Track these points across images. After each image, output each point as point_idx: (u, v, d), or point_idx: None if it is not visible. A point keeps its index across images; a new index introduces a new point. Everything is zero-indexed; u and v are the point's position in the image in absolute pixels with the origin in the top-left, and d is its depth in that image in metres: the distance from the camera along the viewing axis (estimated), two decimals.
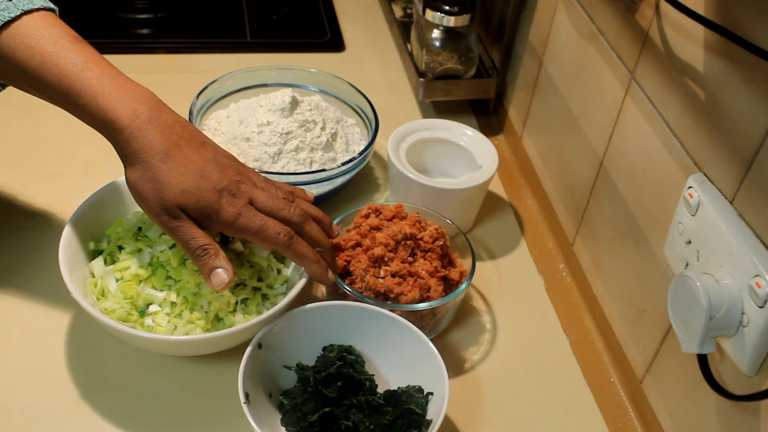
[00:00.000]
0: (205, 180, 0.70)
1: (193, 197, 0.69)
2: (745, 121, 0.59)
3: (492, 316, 0.87)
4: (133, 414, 0.74)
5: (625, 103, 0.78)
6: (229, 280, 0.71)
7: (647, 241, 0.75)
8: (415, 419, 0.71)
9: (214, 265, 0.70)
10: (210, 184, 0.70)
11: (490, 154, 0.95)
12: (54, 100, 0.71)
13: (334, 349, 0.74)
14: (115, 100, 0.68)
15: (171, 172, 0.69)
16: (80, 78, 0.68)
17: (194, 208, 0.69)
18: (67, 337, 0.79)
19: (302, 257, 0.74)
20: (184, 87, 1.03)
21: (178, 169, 0.69)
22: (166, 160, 0.68)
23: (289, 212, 0.74)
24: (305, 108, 0.95)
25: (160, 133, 0.69)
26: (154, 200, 0.69)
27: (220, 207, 0.70)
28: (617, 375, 0.82)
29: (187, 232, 0.70)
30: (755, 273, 0.56)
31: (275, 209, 0.73)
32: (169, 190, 0.68)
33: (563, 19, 0.92)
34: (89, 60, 0.69)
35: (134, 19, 1.26)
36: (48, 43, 0.68)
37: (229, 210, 0.70)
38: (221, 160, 0.72)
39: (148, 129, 0.69)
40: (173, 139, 0.70)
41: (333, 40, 1.27)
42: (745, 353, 0.58)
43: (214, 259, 0.70)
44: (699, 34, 0.65)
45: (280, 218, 0.73)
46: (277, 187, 0.76)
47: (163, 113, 0.71)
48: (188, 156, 0.70)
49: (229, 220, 0.70)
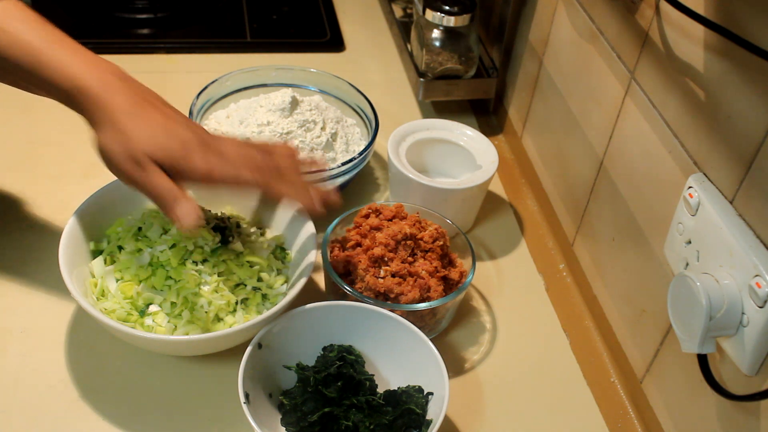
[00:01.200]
0: (174, 133, 0.69)
1: (162, 145, 0.68)
2: (745, 121, 0.59)
3: (492, 316, 0.87)
4: (133, 414, 0.74)
5: (625, 103, 0.78)
6: (197, 218, 0.68)
7: (647, 241, 0.75)
8: (415, 419, 0.71)
9: (182, 207, 0.68)
10: (179, 136, 0.69)
11: (490, 154, 0.95)
12: (20, 77, 0.72)
13: (334, 349, 0.74)
14: (84, 70, 0.69)
15: (139, 125, 0.68)
16: (50, 51, 0.70)
17: (163, 156, 0.67)
18: (67, 337, 0.79)
19: (286, 194, 0.72)
20: (184, 87, 1.03)
21: (146, 122, 0.68)
22: (133, 117, 0.68)
23: (263, 160, 0.72)
24: (305, 108, 0.95)
25: (129, 96, 0.69)
26: (120, 152, 0.67)
27: (192, 157, 0.68)
28: (617, 375, 0.82)
29: (154, 179, 0.67)
30: (755, 273, 0.56)
31: (249, 156, 0.72)
32: (136, 139, 0.67)
33: (563, 19, 0.92)
34: (58, 38, 0.72)
35: (134, 19, 1.26)
36: (18, 23, 0.71)
37: (201, 159, 0.69)
38: (190, 122, 0.72)
39: (117, 92, 0.69)
40: (140, 100, 0.70)
41: (333, 40, 1.27)
42: (745, 353, 0.58)
43: (181, 201, 0.68)
44: (699, 34, 0.65)
45: (255, 167, 0.71)
46: (251, 143, 0.76)
47: (131, 81, 0.71)
48: (156, 114, 0.69)
49: (203, 169, 0.68)
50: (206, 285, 0.76)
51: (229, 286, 0.77)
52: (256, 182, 0.70)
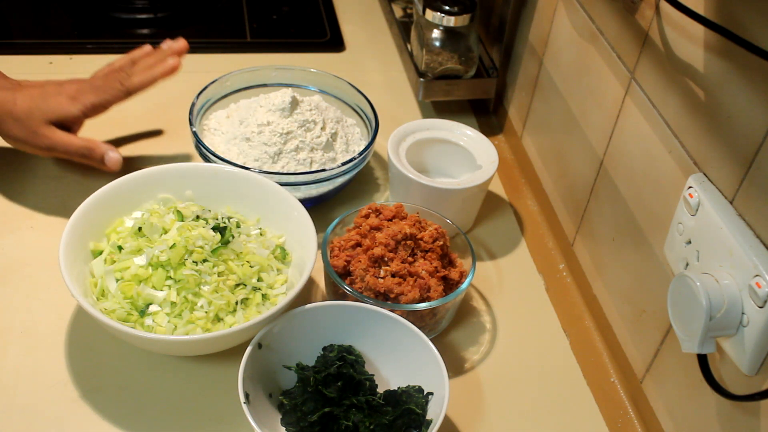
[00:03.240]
0: (48, 95, 0.85)
1: (46, 109, 0.84)
2: (745, 121, 0.59)
3: (492, 316, 0.87)
4: (133, 414, 0.74)
5: (625, 103, 0.78)
6: (120, 158, 0.88)
7: (647, 241, 0.75)
8: (415, 419, 0.71)
9: (101, 151, 0.86)
10: (53, 95, 0.85)
11: (490, 154, 0.95)
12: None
13: (334, 349, 0.74)
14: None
15: (26, 105, 0.84)
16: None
17: (52, 117, 0.85)
18: (67, 337, 0.79)
19: (140, 82, 0.88)
20: (184, 87, 1.03)
21: (29, 101, 0.84)
22: (15, 101, 0.84)
23: (115, 65, 0.91)
24: (305, 108, 0.95)
25: (7, 90, 0.85)
26: (26, 135, 0.85)
27: (69, 106, 0.85)
28: (617, 375, 0.82)
29: (63, 140, 0.85)
30: (755, 273, 0.56)
31: (106, 73, 0.91)
32: (30, 118, 0.84)
33: (563, 19, 0.92)
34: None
35: (134, 19, 1.26)
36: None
37: (73, 103, 0.86)
38: (59, 82, 0.88)
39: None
40: (15, 86, 0.86)
41: (333, 40, 1.27)
42: (745, 353, 0.58)
43: (99, 147, 0.86)
44: (699, 34, 0.65)
45: (104, 83, 0.89)
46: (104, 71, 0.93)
47: (3, 77, 0.88)
48: (29, 90, 0.86)
49: (83, 109, 0.86)
50: (206, 285, 0.76)
51: (229, 286, 0.77)
52: (115, 93, 0.87)
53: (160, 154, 1.00)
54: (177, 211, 0.82)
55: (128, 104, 0.98)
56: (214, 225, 0.80)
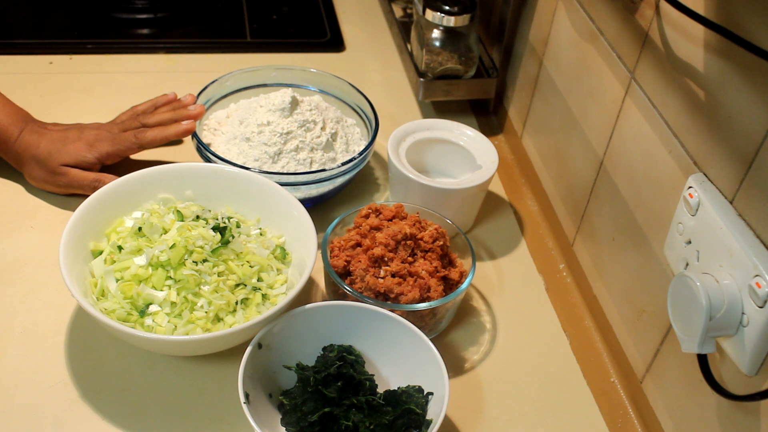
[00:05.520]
0: (69, 141, 0.91)
1: (65, 154, 0.90)
2: (745, 121, 0.59)
3: (492, 316, 0.87)
4: (133, 414, 0.74)
5: (625, 103, 0.78)
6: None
7: (647, 241, 0.75)
8: (415, 419, 0.71)
9: (108, 182, 0.86)
10: (72, 142, 0.91)
11: (490, 154, 0.95)
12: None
13: (334, 349, 0.74)
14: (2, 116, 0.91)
15: (47, 148, 0.90)
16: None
17: (70, 161, 0.90)
18: (67, 337, 0.79)
19: (153, 139, 0.92)
20: (184, 87, 1.03)
21: (51, 144, 0.91)
22: (39, 145, 0.90)
23: (126, 124, 0.94)
24: (305, 108, 0.95)
25: (35, 134, 0.91)
26: (46, 175, 0.91)
27: (86, 153, 0.91)
28: (617, 375, 0.82)
29: (77, 176, 0.91)
30: (755, 273, 0.56)
31: (128, 117, 0.96)
32: (50, 159, 0.90)
33: (563, 19, 0.92)
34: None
35: (134, 19, 1.26)
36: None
37: (89, 150, 0.91)
38: (81, 127, 0.94)
39: (27, 134, 0.91)
40: (41, 130, 0.92)
41: (333, 40, 1.27)
42: (745, 353, 0.58)
43: (106, 179, 0.89)
44: (699, 34, 0.65)
45: (131, 124, 0.95)
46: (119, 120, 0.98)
47: (33, 122, 0.94)
48: (53, 134, 0.92)
49: (98, 157, 0.91)
50: (206, 285, 0.76)
51: (229, 286, 0.77)
52: (132, 142, 0.92)
53: (160, 154, 1.00)
54: (177, 211, 0.82)
55: (128, 105, 0.99)
56: (214, 225, 0.80)
